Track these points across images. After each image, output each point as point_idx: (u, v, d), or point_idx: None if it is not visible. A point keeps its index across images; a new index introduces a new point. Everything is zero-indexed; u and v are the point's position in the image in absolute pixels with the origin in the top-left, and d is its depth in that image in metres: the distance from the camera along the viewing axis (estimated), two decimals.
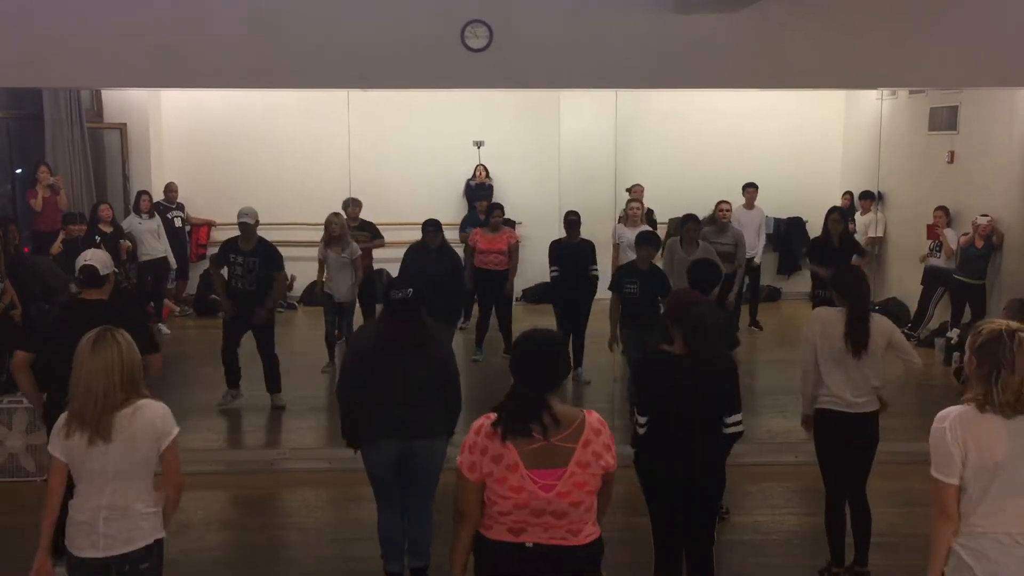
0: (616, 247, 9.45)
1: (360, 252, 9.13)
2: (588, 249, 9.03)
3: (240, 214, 8.23)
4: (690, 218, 8.68)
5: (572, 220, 9.10)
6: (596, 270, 9.01)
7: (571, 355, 8.57)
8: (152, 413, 3.71)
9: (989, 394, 3.22)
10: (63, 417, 3.71)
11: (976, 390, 3.28)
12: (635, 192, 10.84)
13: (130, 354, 3.68)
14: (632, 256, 8.32)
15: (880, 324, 5.09)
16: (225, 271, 8.38)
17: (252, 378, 8.43)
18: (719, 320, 6.05)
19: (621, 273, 7.91)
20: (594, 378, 8.83)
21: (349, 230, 9.44)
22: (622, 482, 3.68)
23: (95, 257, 5.14)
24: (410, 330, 4.79)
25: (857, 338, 4.99)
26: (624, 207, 9.93)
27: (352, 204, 9.98)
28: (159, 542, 3.81)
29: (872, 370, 5.05)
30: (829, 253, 8.91)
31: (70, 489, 4.08)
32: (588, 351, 8.90)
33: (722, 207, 9.58)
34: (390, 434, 4.78)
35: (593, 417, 3.31)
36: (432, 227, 8.61)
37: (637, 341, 7.41)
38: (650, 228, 8.93)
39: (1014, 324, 3.33)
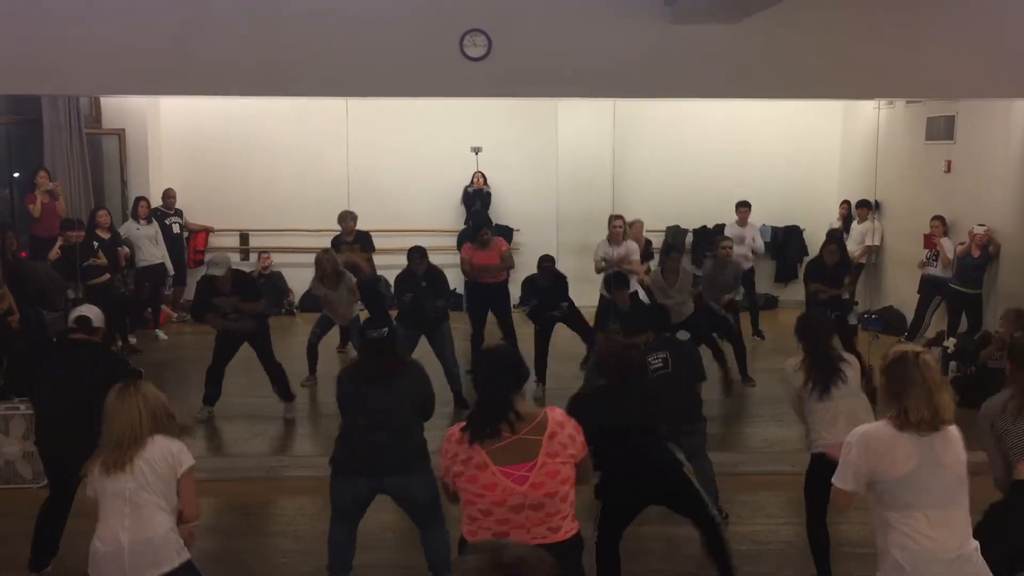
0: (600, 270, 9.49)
1: (355, 281, 8.99)
2: (560, 287, 9.03)
3: (210, 265, 8.23)
4: (673, 248, 8.94)
5: (546, 267, 9.02)
6: (565, 304, 8.99)
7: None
8: (168, 443, 4.01)
9: (903, 413, 3.45)
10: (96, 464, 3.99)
11: (892, 411, 3.50)
12: (635, 227, 10.74)
13: (155, 400, 4.05)
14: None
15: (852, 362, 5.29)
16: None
17: (257, 383, 8.42)
18: (686, 352, 6.43)
19: (605, 313, 8.17)
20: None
21: (344, 245, 9.42)
22: None
23: (91, 312, 5.74)
24: (382, 365, 4.96)
25: (819, 378, 5.11)
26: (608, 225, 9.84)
27: (348, 218, 9.92)
28: (187, 564, 4.01)
29: (856, 404, 5.12)
30: (822, 275, 9.30)
31: (64, 511, 4.38)
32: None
33: (724, 245, 9.61)
34: (361, 472, 4.83)
35: (556, 412, 3.51)
36: (417, 255, 8.55)
37: None
38: (623, 273, 8.92)
39: (918, 348, 3.63)
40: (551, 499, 3.36)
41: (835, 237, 9.54)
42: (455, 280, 9.94)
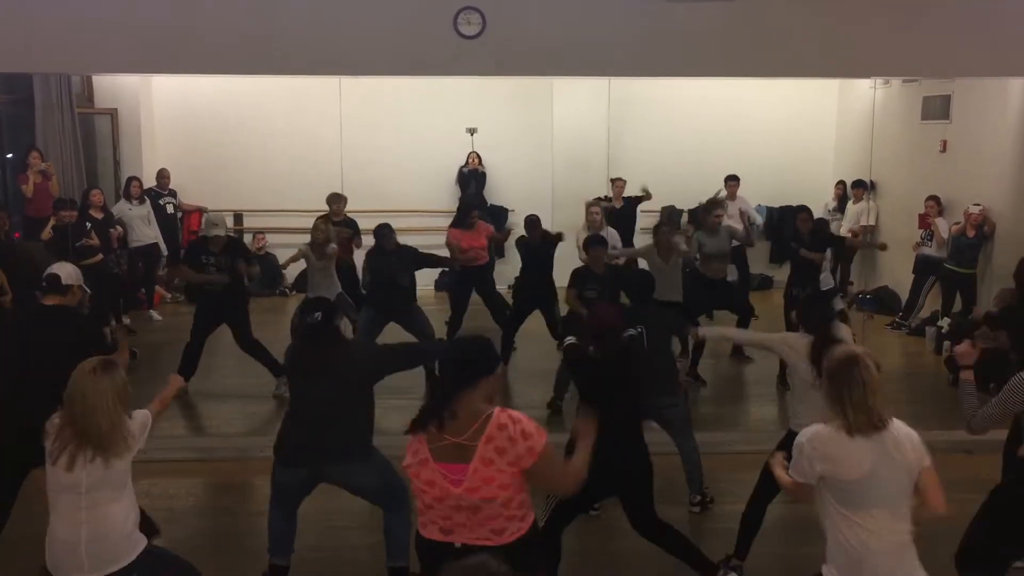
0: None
1: (335, 247, 8.94)
2: (549, 243, 9.03)
3: (207, 224, 8.30)
4: (664, 224, 8.84)
5: (532, 220, 9.10)
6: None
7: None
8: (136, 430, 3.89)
9: (847, 418, 3.44)
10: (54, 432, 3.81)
11: (838, 416, 3.48)
12: (616, 185, 10.78)
13: (123, 386, 3.85)
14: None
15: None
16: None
17: (245, 364, 8.41)
18: (667, 321, 6.30)
19: (580, 277, 7.88)
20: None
21: (331, 224, 9.42)
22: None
23: (62, 268, 5.33)
24: (318, 352, 4.74)
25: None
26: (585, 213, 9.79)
27: (336, 200, 9.87)
28: (146, 552, 3.93)
29: None
30: (799, 243, 8.97)
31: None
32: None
33: (716, 213, 9.54)
34: (301, 463, 4.74)
35: (504, 414, 3.27)
36: (386, 231, 8.51)
37: None
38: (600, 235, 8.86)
39: (861, 349, 3.62)
40: (488, 503, 3.24)
41: (806, 208, 9.36)
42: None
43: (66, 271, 5.30)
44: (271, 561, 4.97)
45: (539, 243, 9.00)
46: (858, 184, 11.62)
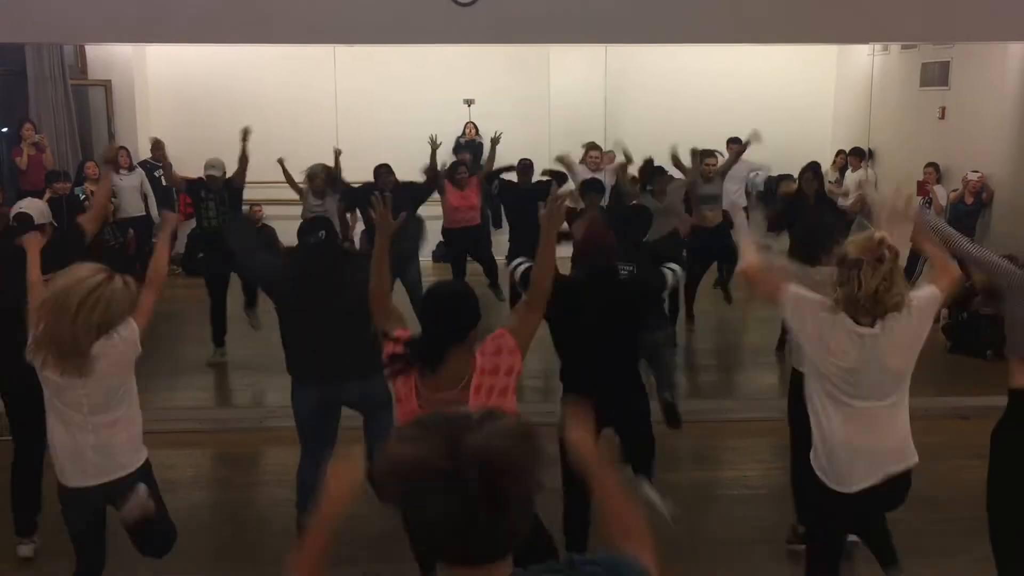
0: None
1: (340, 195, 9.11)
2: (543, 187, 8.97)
3: (207, 166, 8.48)
4: (658, 171, 8.80)
5: (526, 164, 9.30)
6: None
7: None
8: (119, 343, 3.64)
9: (851, 293, 3.24)
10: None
11: (837, 290, 3.29)
12: (607, 157, 10.74)
13: (124, 295, 3.58)
14: None
15: None
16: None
17: (246, 335, 8.42)
18: (665, 250, 6.12)
19: (573, 215, 7.86)
20: None
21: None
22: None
23: (31, 205, 5.23)
24: (323, 268, 4.68)
25: None
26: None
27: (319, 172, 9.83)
28: (146, 465, 3.92)
29: None
30: (802, 212, 8.63)
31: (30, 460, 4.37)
32: None
33: (708, 161, 9.48)
34: (319, 379, 4.70)
35: (482, 353, 3.23)
36: (385, 170, 8.71)
37: None
38: (598, 180, 8.86)
39: (880, 234, 3.33)
40: None
41: (810, 167, 9.13)
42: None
43: (37, 209, 5.20)
44: (299, 520, 4.87)
45: (530, 188, 8.95)
46: (856, 152, 11.57)
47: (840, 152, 12.02)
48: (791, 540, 5.03)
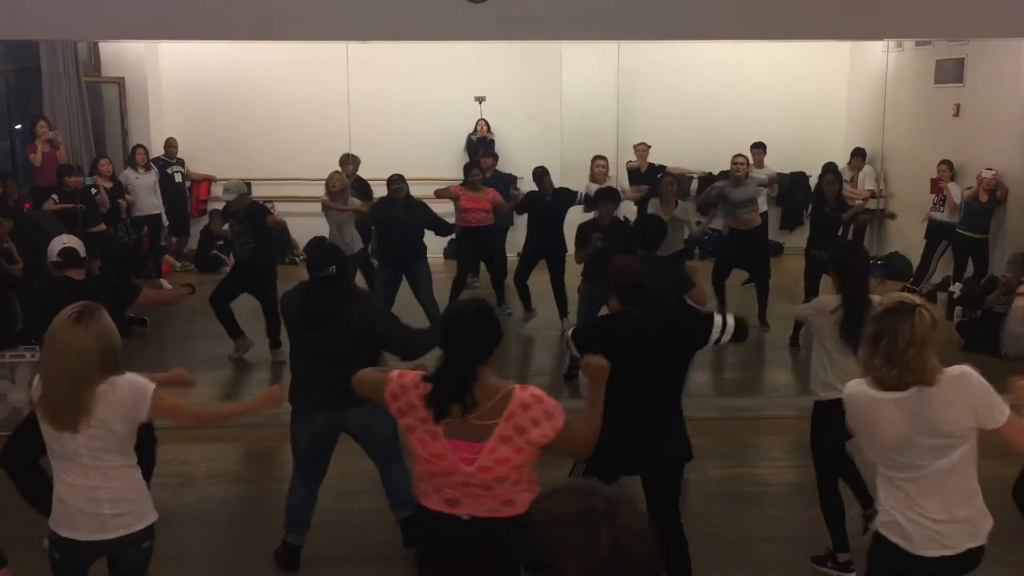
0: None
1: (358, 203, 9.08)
2: (565, 197, 9.10)
3: (224, 190, 8.40)
4: (668, 174, 8.82)
5: (540, 171, 9.23)
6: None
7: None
8: (122, 394, 3.47)
9: (890, 367, 3.14)
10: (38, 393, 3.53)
11: (876, 368, 3.17)
12: (639, 150, 10.76)
13: (109, 337, 3.49)
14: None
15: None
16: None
17: (261, 331, 8.43)
18: (669, 270, 6.17)
19: (587, 228, 7.87)
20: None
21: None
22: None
23: (73, 241, 5.40)
24: (327, 306, 4.73)
25: (852, 329, 4.50)
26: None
27: (348, 161, 9.89)
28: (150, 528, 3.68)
29: None
30: (822, 215, 8.79)
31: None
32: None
33: (737, 160, 9.43)
34: (319, 406, 4.73)
35: (525, 393, 3.10)
36: (396, 179, 8.61)
37: (596, 296, 7.02)
38: (613, 188, 8.83)
39: (917, 299, 3.24)
40: (500, 483, 3.08)
41: (831, 169, 9.16)
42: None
43: (78, 243, 5.43)
44: (285, 539, 4.98)
45: (551, 196, 8.98)
46: (856, 153, 11.53)
47: (856, 152, 11.95)
48: (821, 562, 4.97)
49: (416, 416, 3.13)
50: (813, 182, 12.44)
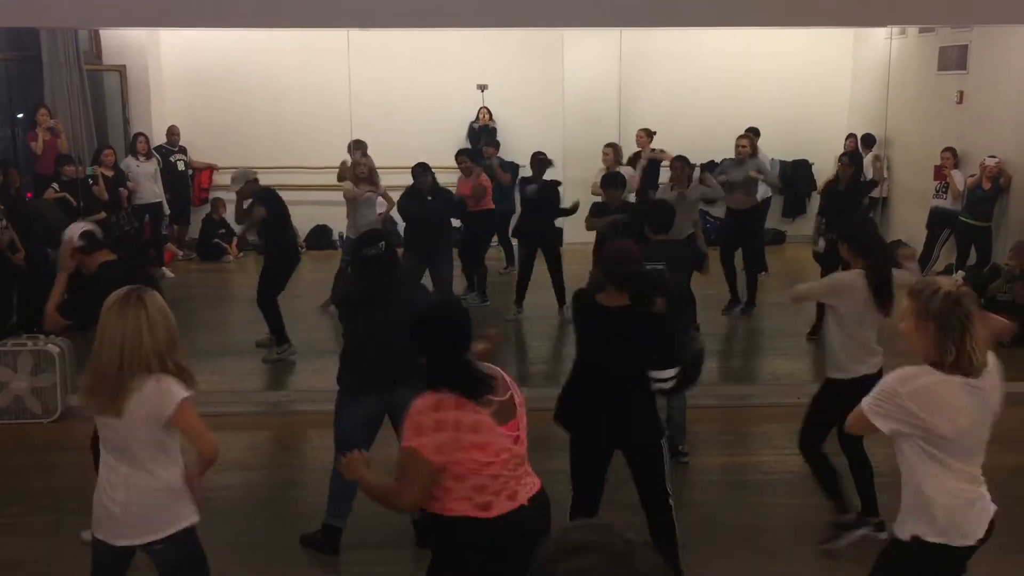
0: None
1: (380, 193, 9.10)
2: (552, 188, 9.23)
3: (231, 180, 8.48)
4: (676, 157, 8.82)
5: (538, 159, 9.28)
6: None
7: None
8: (151, 391, 3.42)
9: (962, 356, 3.14)
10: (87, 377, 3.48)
11: (944, 356, 3.17)
12: (640, 140, 10.78)
13: (166, 316, 3.57)
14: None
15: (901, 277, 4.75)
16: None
17: (259, 321, 8.43)
18: (683, 254, 6.16)
19: (597, 210, 8.08)
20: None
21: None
22: None
23: (87, 226, 5.23)
24: (388, 280, 4.80)
25: (884, 296, 4.62)
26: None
27: (357, 147, 9.86)
28: (187, 530, 3.54)
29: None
30: (835, 198, 8.86)
31: None
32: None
33: (739, 143, 9.50)
34: (376, 386, 4.76)
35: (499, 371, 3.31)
36: (420, 169, 8.62)
37: None
38: (618, 172, 8.86)
39: (957, 284, 3.31)
40: (526, 452, 3.26)
41: (846, 153, 9.32)
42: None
43: (92, 226, 5.31)
44: (325, 521, 4.99)
45: (541, 184, 9.10)
46: (864, 140, 11.50)
47: (850, 136, 11.92)
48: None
49: (466, 425, 3.06)
50: (816, 170, 12.51)
